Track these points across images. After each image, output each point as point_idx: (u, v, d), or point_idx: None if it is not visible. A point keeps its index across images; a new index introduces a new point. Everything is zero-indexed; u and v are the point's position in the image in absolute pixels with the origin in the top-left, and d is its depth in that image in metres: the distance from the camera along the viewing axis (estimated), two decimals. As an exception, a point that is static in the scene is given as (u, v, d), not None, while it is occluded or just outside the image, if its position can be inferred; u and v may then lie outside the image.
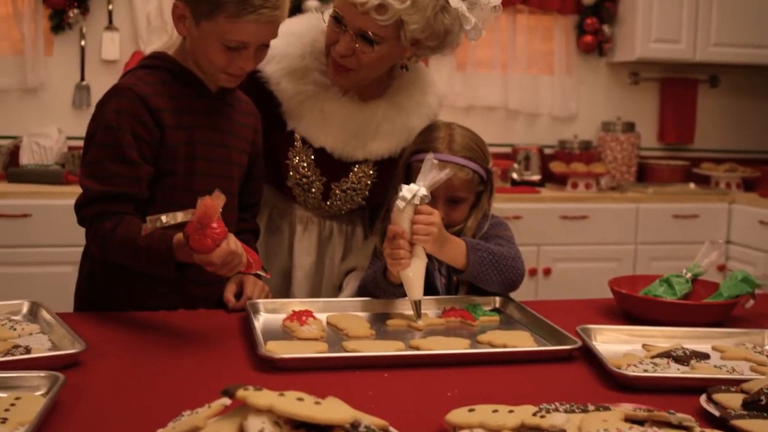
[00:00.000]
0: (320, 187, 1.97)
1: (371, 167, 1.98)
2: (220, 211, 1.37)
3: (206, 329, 1.57)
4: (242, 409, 0.93)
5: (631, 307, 1.76)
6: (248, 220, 1.89)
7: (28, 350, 1.34)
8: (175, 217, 1.37)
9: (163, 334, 1.53)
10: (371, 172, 1.98)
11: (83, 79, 4.03)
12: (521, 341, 1.52)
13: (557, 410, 1.09)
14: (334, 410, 0.93)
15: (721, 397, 1.19)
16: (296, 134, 1.93)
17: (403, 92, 1.97)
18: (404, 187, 1.64)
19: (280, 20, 1.61)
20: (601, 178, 4.29)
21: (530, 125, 4.64)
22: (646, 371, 1.34)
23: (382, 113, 1.94)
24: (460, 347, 1.48)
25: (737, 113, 4.93)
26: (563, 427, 1.00)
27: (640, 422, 1.05)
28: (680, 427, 1.04)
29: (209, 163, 1.70)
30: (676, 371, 1.38)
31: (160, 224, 1.37)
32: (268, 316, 1.66)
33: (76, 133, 3.81)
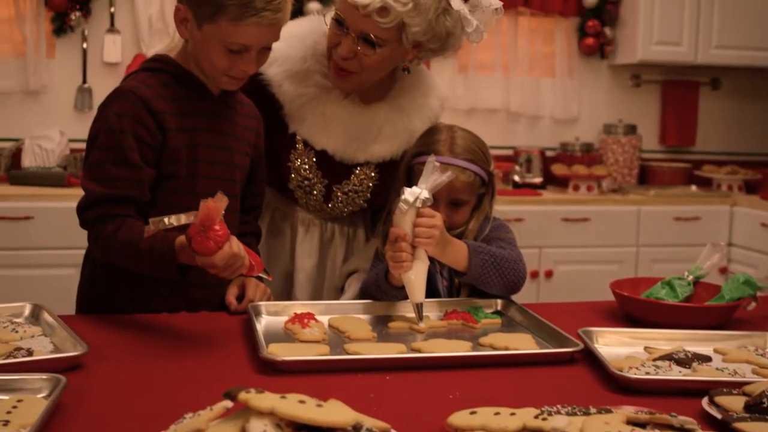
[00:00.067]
0: (322, 189, 1.97)
1: (373, 169, 1.98)
2: (222, 213, 1.37)
3: (208, 332, 1.57)
4: (244, 411, 0.93)
5: (632, 309, 1.76)
6: (250, 222, 1.89)
7: (30, 353, 1.34)
8: (178, 219, 1.37)
9: (165, 336, 1.53)
10: (373, 174, 1.98)
11: (85, 81, 4.03)
12: (523, 344, 1.52)
13: (559, 413, 1.09)
14: (335, 413, 0.93)
15: (723, 399, 1.19)
16: (298, 137, 1.94)
17: (404, 95, 1.97)
18: (406, 190, 1.64)
19: (282, 23, 1.61)
20: (602, 180, 4.29)
21: (532, 127, 4.64)
22: (648, 374, 1.34)
23: (383, 116, 1.94)
24: (461, 350, 1.48)
25: (739, 116, 4.93)
26: (565, 429, 1.00)
27: (642, 425, 1.05)
28: (682, 429, 1.04)
29: (211, 166, 1.70)
30: (677, 374, 1.38)
31: (162, 226, 1.37)
32: (269, 318, 1.66)
33: (78, 135, 3.82)
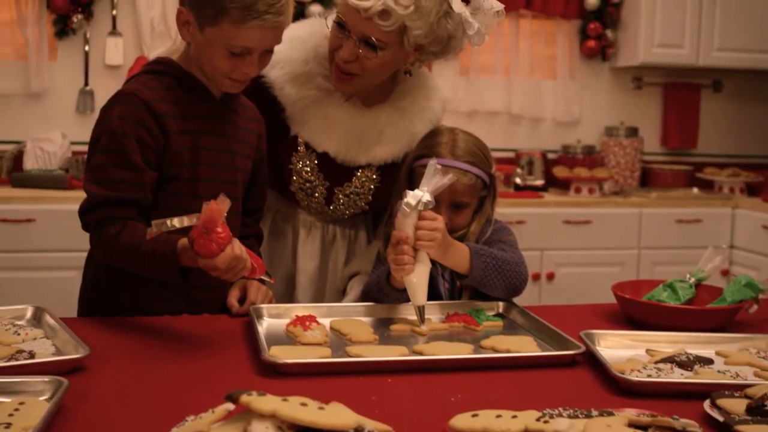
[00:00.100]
0: (323, 191, 1.97)
1: (374, 172, 1.98)
2: (225, 215, 1.37)
3: (210, 334, 1.57)
4: (246, 414, 0.93)
5: (634, 312, 1.76)
6: (252, 225, 1.89)
7: (32, 355, 1.35)
8: (180, 221, 1.37)
9: (167, 339, 1.53)
10: (374, 176, 1.98)
11: (87, 84, 4.04)
12: (525, 346, 1.52)
13: (561, 415, 1.09)
14: (337, 415, 0.93)
15: (724, 402, 1.19)
16: (299, 139, 1.94)
17: (406, 97, 1.97)
18: (408, 192, 1.64)
19: (284, 26, 1.62)
20: (604, 182, 4.29)
21: (533, 130, 4.64)
22: (649, 376, 1.34)
23: (385, 118, 1.94)
24: (463, 352, 1.48)
25: (740, 118, 4.92)
26: (567, 432, 1.00)
27: (643, 427, 1.05)
28: (684, 432, 1.04)
29: (213, 168, 1.70)
30: (679, 376, 1.38)
31: (165, 228, 1.37)
32: (271, 321, 1.66)
33: (79, 138, 3.83)
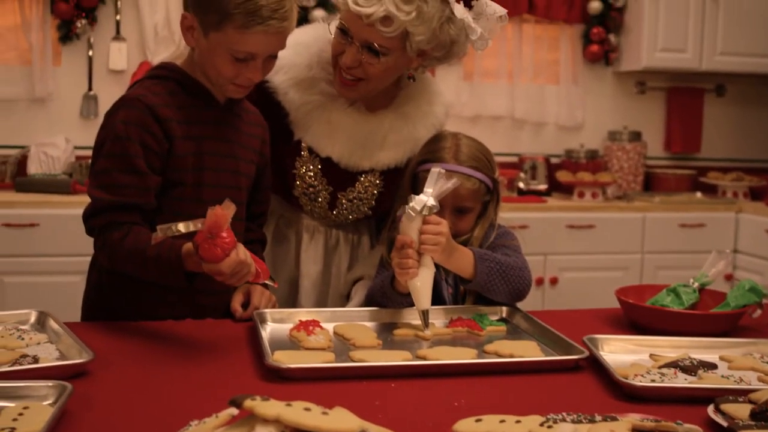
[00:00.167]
0: (327, 196, 1.98)
1: (377, 177, 1.98)
2: (230, 220, 1.38)
3: (214, 339, 1.57)
4: (250, 419, 0.93)
5: (638, 316, 1.76)
6: (255, 230, 1.90)
7: (35, 360, 1.35)
8: (186, 226, 1.37)
9: (170, 343, 1.53)
10: (378, 181, 1.98)
11: (91, 89, 4.05)
12: (528, 351, 1.52)
13: (564, 420, 1.09)
14: (341, 420, 0.93)
15: (728, 407, 1.19)
16: (303, 144, 1.94)
17: (410, 102, 1.97)
18: (413, 197, 1.65)
19: (288, 31, 1.62)
20: (607, 187, 4.29)
21: (537, 134, 4.64)
22: (653, 381, 1.34)
23: (389, 123, 1.94)
24: (467, 357, 1.48)
25: (744, 122, 4.92)
26: (570, 437, 1.00)
27: (647, 433, 1.05)
28: (688, 437, 1.04)
29: (217, 173, 1.70)
30: (683, 381, 1.37)
31: (170, 233, 1.38)
32: (275, 325, 1.66)
33: (83, 142, 3.83)
